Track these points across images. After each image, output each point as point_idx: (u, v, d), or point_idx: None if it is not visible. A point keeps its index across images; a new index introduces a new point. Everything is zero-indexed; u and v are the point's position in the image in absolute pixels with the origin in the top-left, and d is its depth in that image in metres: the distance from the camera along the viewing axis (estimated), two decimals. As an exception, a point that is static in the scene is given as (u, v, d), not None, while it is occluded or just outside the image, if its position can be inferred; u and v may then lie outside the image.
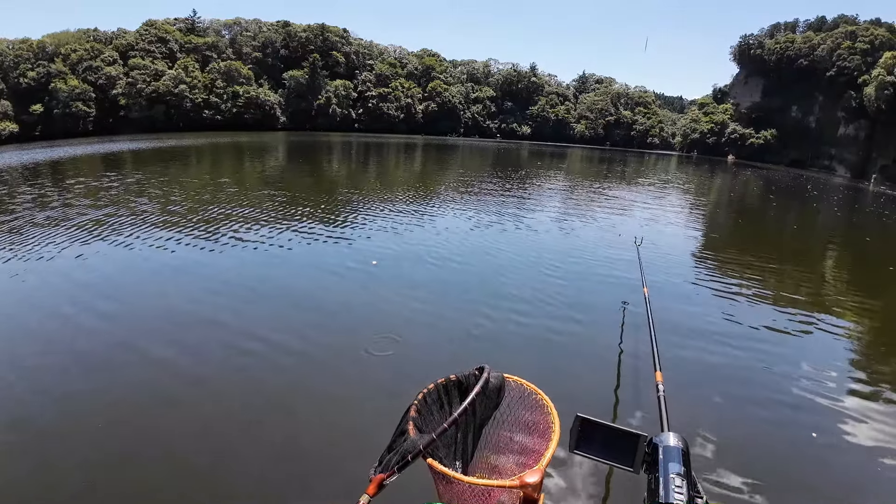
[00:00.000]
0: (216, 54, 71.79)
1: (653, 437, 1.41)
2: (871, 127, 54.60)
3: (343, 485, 3.52)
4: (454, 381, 1.93)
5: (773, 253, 12.61)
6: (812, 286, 9.93)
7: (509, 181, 24.46)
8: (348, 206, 15.35)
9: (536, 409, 1.87)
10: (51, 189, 16.99)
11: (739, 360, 6.07)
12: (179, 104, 64.40)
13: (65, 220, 11.90)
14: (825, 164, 62.07)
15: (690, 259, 11.24)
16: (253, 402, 4.81)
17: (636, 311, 7.18)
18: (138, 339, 6.00)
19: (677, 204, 21.37)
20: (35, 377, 5.13)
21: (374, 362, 5.62)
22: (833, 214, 23.74)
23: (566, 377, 5.43)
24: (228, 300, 7.34)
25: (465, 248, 10.75)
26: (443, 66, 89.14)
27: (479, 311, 7.18)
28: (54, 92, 57.10)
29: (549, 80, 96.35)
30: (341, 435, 4.34)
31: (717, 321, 7.35)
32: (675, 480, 1.25)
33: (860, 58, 57.76)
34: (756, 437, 4.56)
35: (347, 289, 8.03)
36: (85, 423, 4.37)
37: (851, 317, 8.11)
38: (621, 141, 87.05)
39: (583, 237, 12.58)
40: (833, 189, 38.01)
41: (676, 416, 2.03)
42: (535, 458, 1.77)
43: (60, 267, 8.57)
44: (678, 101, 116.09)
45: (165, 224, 11.66)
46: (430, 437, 1.61)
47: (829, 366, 6.07)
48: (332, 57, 76.11)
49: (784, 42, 68.44)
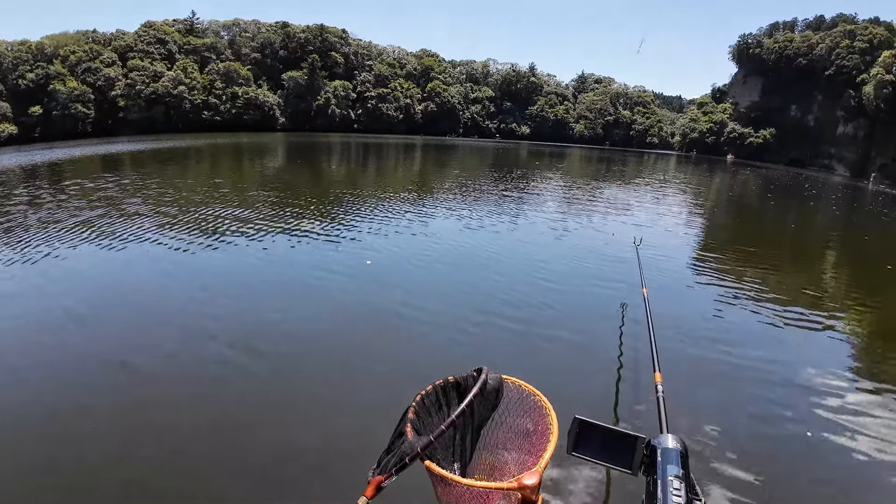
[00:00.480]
0: (215, 55, 71.77)
1: (651, 438, 1.41)
2: (870, 126, 54.62)
3: (340, 487, 3.51)
4: (452, 383, 1.92)
5: (771, 252, 12.61)
6: (811, 286, 9.93)
7: (507, 181, 24.46)
8: (345, 206, 15.34)
9: (535, 411, 1.87)
10: (46, 191, 16.98)
11: (739, 360, 6.06)
12: (179, 105, 64.36)
13: (55, 221, 11.88)
14: (824, 163, 62.11)
15: (690, 259, 11.24)
16: (248, 404, 4.80)
17: (635, 311, 7.17)
18: (138, 337, 6.00)
19: (676, 204, 21.38)
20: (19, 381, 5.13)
21: (371, 363, 5.61)
22: (832, 213, 23.76)
23: (565, 378, 5.42)
24: (224, 300, 7.33)
25: (461, 248, 10.75)
26: (442, 66, 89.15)
27: (477, 311, 7.17)
28: (53, 93, 57.08)
29: (548, 80, 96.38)
30: (338, 437, 4.32)
31: (716, 322, 7.35)
32: (673, 483, 1.25)
33: (859, 57, 57.81)
34: (755, 438, 4.55)
35: (343, 289, 8.02)
36: (75, 425, 4.37)
37: (850, 316, 8.12)
38: (620, 141, 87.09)
39: (581, 237, 12.58)
40: (832, 188, 38.04)
41: (676, 418, 2.03)
42: (533, 459, 1.76)
43: (44, 268, 8.57)
44: (677, 101, 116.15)
45: (165, 225, 11.65)
46: (428, 440, 1.61)
47: (829, 365, 6.06)
48: (330, 57, 76.10)
49: (783, 41, 68.51)
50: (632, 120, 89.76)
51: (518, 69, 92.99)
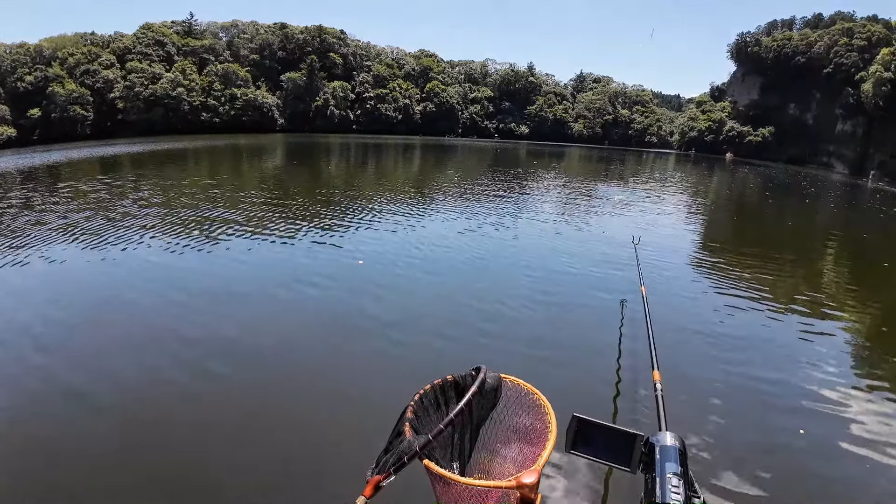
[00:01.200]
0: (213, 57, 71.87)
1: (649, 436, 1.41)
2: (868, 123, 54.75)
3: (338, 487, 3.50)
4: (451, 382, 1.93)
5: (770, 250, 12.60)
6: (810, 284, 9.93)
7: (506, 181, 24.46)
8: (342, 207, 15.34)
9: (534, 410, 1.87)
10: (42, 194, 16.98)
11: (739, 358, 6.05)
12: (177, 107, 64.45)
13: (41, 223, 11.88)
14: (823, 161, 62.21)
15: (688, 258, 11.24)
16: (245, 405, 4.78)
17: (634, 309, 7.17)
18: (137, 336, 5.99)
19: (675, 202, 21.38)
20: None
21: (369, 362, 5.60)
22: (830, 211, 23.76)
23: (563, 376, 5.41)
24: (225, 301, 7.33)
25: (459, 246, 10.73)
26: (440, 66, 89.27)
27: (475, 309, 7.16)
28: (52, 96, 57.16)
29: (547, 80, 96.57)
30: (336, 436, 4.31)
31: (715, 320, 7.34)
32: (672, 480, 1.25)
33: (857, 54, 57.95)
34: (755, 436, 4.55)
35: (340, 288, 8.01)
36: (79, 426, 4.37)
37: (850, 314, 8.11)
38: (619, 140, 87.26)
39: (579, 236, 12.56)
40: (831, 186, 38.06)
41: (674, 416, 2.02)
42: (532, 458, 1.77)
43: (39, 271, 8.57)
44: (676, 100, 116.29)
45: (163, 226, 11.65)
46: (427, 439, 1.61)
47: (828, 363, 6.05)
48: (329, 58, 76.23)
49: (781, 39, 68.64)
50: (630, 119, 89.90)
51: (517, 69, 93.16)
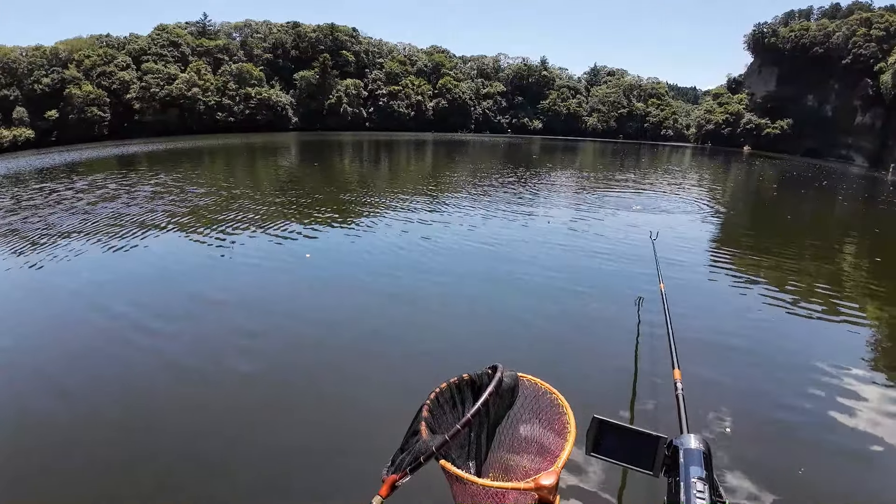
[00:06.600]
0: (227, 56, 72.37)
1: (673, 439, 1.37)
2: (887, 115, 53.53)
3: (354, 486, 3.50)
4: (467, 381, 1.90)
5: (788, 245, 12.39)
6: (831, 279, 9.72)
7: (520, 176, 24.34)
8: (361, 203, 15.38)
9: (552, 410, 1.83)
10: (64, 192, 17.25)
11: (762, 356, 5.95)
12: (192, 107, 65.04)
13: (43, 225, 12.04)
14: (842, 154, 60.99)
15: (707, 253, 11.08)
16: (259, 403, 4.81)
17: (652, 307, 7.07)
18: (135, 335, 6.05)
19: (692, 197, 21.11)
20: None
21: (386, 359, 5.60)
22: (850, 206, 23.31)
23: (581, 375, 5.36)
24: (234, 299, 7.38)
25: (473, 242, 10.71)
26: (452, 62, 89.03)
27: (491, 307, 7.14)
28: (69, 98, 57.92)
29: (560, 74, 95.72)
30: (352, 434, 4.31)
31: (735, 316, 7.22)
32: (697, 485, 1.21)
33: (876, 45, 56.64)
34: (779, 437, 4.43)
35: (353, 280, 8.03)
36: (92, 419, 4.41)
37: (874, 310, 7.94)
38: (634, 133, 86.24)
39: (596, 231, 12.44)
40: (850, 179, 37.33)
41: (696, 416, 1.98)
42: (550, 459, 1.73)
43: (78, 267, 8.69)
44: (692, 92, 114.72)
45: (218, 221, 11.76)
46: (443, 439, 1.59)
47: (853, 362, 5.89)
48: (341, 56, 76.36)
49: (798, 30, 67.35)
50: (646, 112, 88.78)
51: (529, 63, 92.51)
